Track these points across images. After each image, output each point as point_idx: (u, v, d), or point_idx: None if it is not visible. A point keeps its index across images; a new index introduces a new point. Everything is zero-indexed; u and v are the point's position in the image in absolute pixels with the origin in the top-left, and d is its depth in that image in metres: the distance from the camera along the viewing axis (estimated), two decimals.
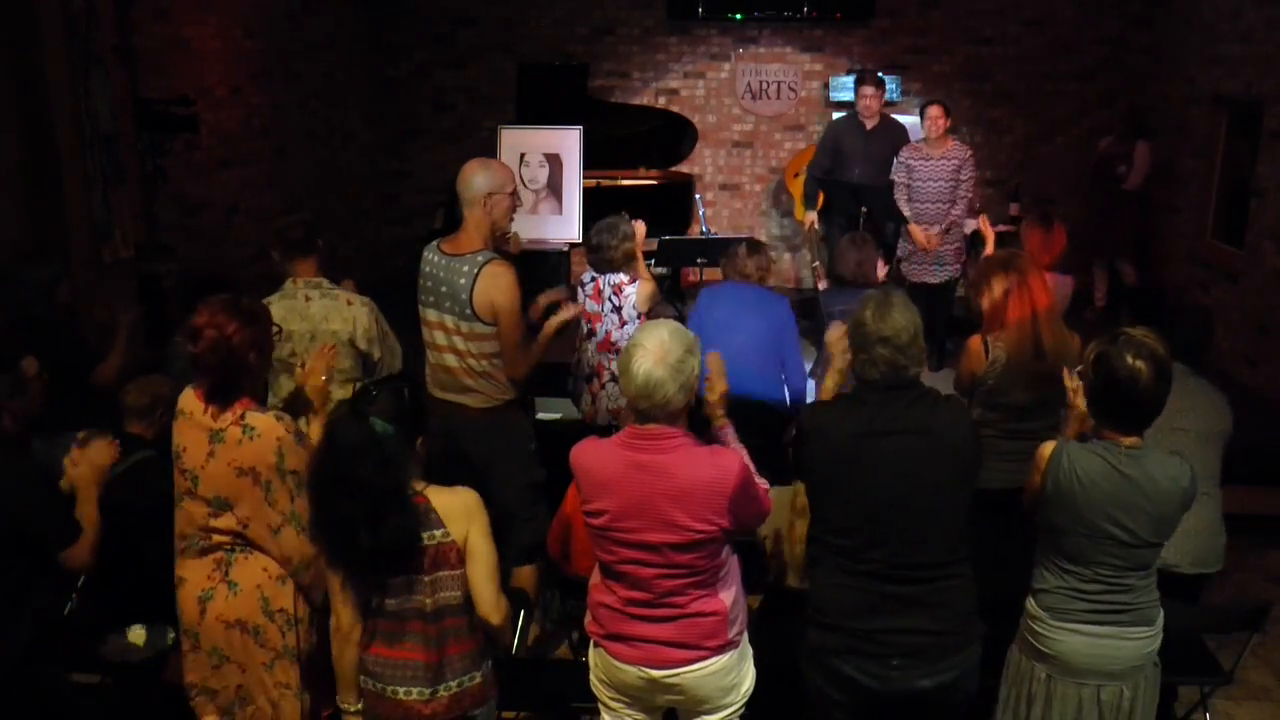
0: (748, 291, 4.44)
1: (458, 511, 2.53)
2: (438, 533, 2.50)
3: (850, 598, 2.66)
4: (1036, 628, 2.81)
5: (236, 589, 2.80)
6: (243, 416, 2.74)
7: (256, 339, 2.79)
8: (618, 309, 4.50)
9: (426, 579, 2.51)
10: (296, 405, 3.21)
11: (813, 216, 7.24)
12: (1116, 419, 2.72)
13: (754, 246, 4.64)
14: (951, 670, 2.66)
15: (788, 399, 4.36)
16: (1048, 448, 2.79)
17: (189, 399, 2.81)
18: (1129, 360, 2.62)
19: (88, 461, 2.99)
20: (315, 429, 2.99)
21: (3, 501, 2.83)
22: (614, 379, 4.50)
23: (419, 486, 2.54)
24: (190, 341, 2.72)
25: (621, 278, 4.51)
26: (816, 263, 5.91)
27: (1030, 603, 2.84)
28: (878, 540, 2.63)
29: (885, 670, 2.64)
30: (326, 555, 2.59)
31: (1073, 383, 3.03)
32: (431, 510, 2.51)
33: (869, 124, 6.98)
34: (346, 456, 2.42)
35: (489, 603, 2.57)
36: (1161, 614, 2.80)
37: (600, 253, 4.54)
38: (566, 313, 4.04)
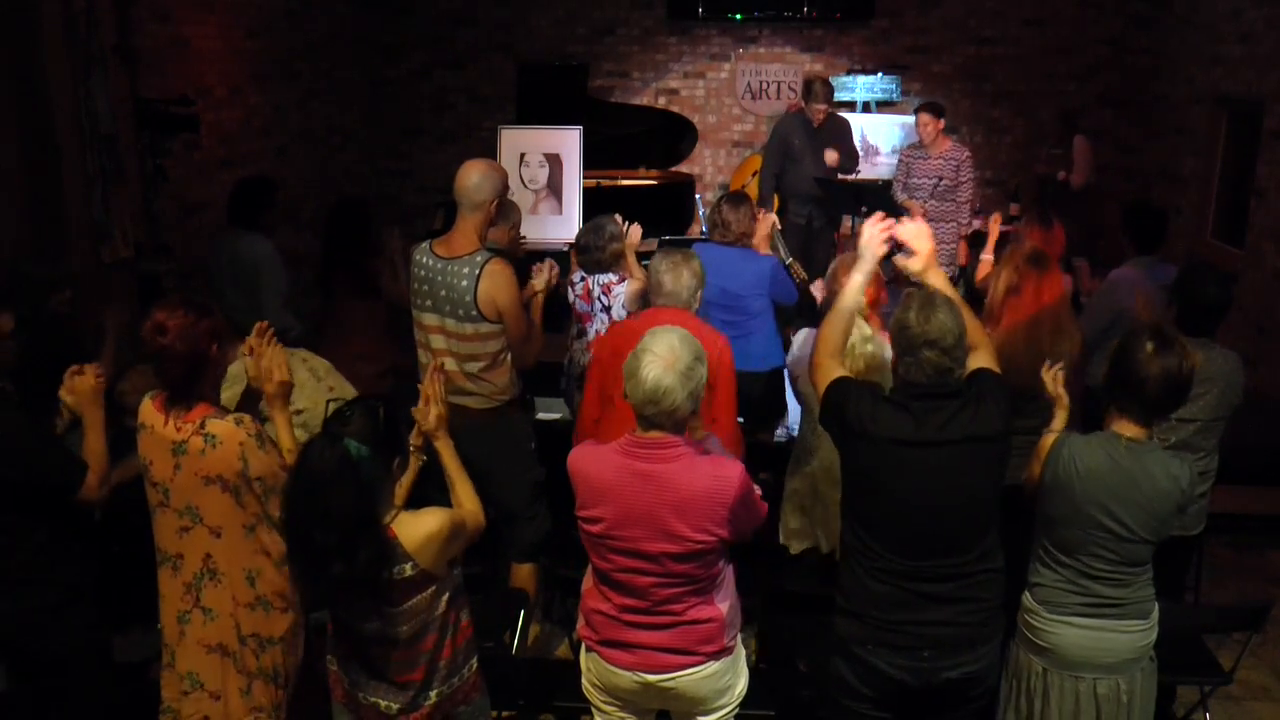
0: (730, 255, 4.44)
1: (421, 541, 2.46)
2: (406, 566, 2.44)
3: (881, 591, 2.65)
4: (1032, 621, 2.82)
5: (212, 614, 2.80)
6: (202, 425, 2.71)
7: (215, 330, 2.80)
8: (607, 309, 4.48)
9: (399, 610, 2.48)
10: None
11: (772, 218, 7.22)
12: (1119, 402, 2.76)
13: (735, 200, 4.62)
14: (978, 661, 2.67)
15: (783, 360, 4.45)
16: (1050, 438, 2.82)
17: (148, 411, 2.78)
18: (1146, 345, 2.67)
19: (79, 391, 2.92)
20: (283, 429, 2.91)
21: (2, 454, 2.79)
22: None
23: (388, 518, 2.47)
24: (158, 334, 2.69)
25: (610, 277, 4.49)
26: (790, 259, 5.90)
27: (1026, 596, 2.86)
28: (914, 546, 2.63)
29: (915, 662, 2.64)
30: (299, 584, 2.58)
31: (1050, 374, 3.07)
32: (398, 544, 2.44)
33: (816, 121, 6.97)
34: (320, 484, 2.33)
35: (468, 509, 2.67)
36: (1156, 608, 2.81)
37: (588, 253, 4.53)
38: (539, 278, 4.03)
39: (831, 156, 6.80)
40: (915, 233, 2.96)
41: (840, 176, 7.02)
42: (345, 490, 2.33)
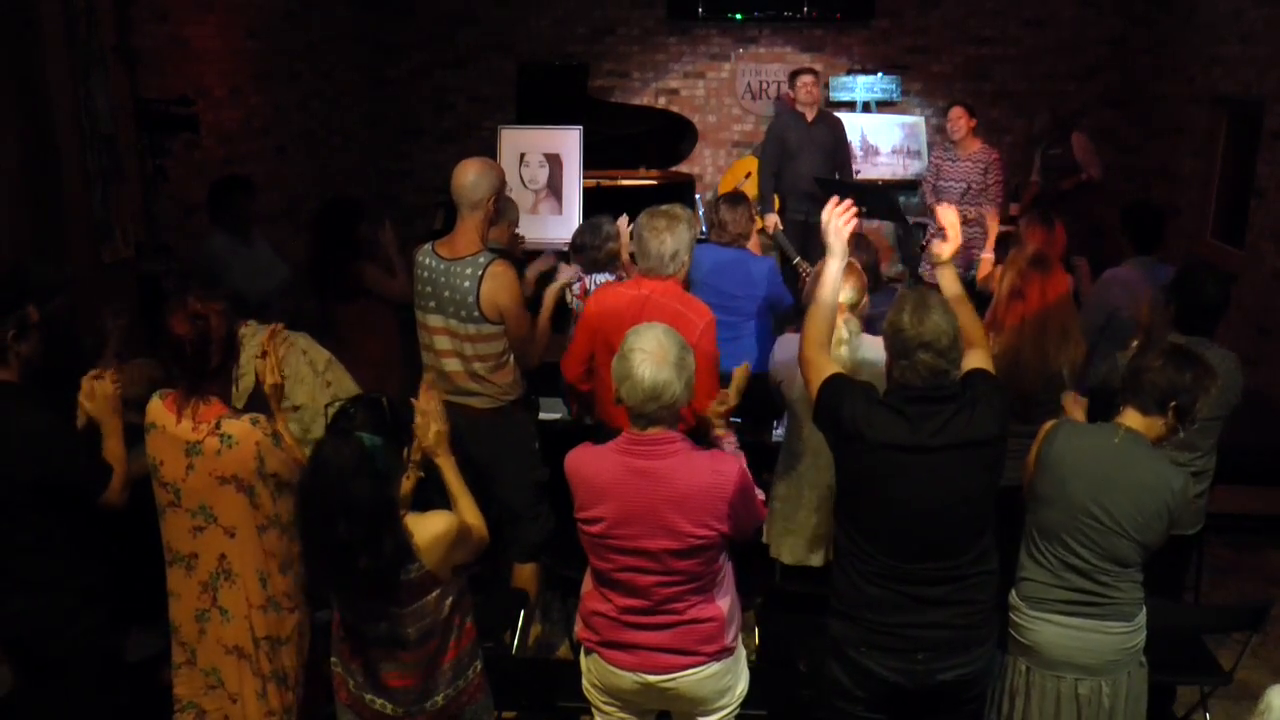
0: (726, 256, 4.41)
1: (427, 542, 2.47)
2: (413, 567, 2.45)
3: (874, 594, 2.65)
4: (1015, 618, 2.83)
5: (228, 615, 2.80)
6: (218, 425, 2.71)
7: (235, 325, 2.84)
8: None
9: (406, 611, 2.49)
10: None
11: (774, 218, 7.20)
12: (1126, 392, 2.81)
13: (733, 200, 4.60)
14: (972, 664, 2.67)
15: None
16: (1050, 423, 2.87)
17: (158, 411, 2.78)
18: (1158, 356, 2.75)
19: (98, 397, 2.92)
20: (280, 427, 2.94)
21: (32, 454, 2.79)
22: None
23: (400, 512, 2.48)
24: (197, 319, 2.71)
25: (608, 277, 4.49)
26: (797, 258, 5.88)
27: (1012, 594, 2.87)
28: (908, 549, 2.62)
29: (909, 664, 2.64)
30: (321, 583, 2.60)
31: (1071, 401, 3.10)
32: (409, 542, 2.46)
33: (809, 114, 7.00)
34: (340, 479, 2.35)
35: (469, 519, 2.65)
36: (1143, 612, 2.81)
37: (585, 253, 4.50)
38: (561, 278, 4.05)
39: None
40: (953, 220, 3.08)
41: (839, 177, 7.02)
42: (366, 480, 2.35)
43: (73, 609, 2.93)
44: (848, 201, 2.97)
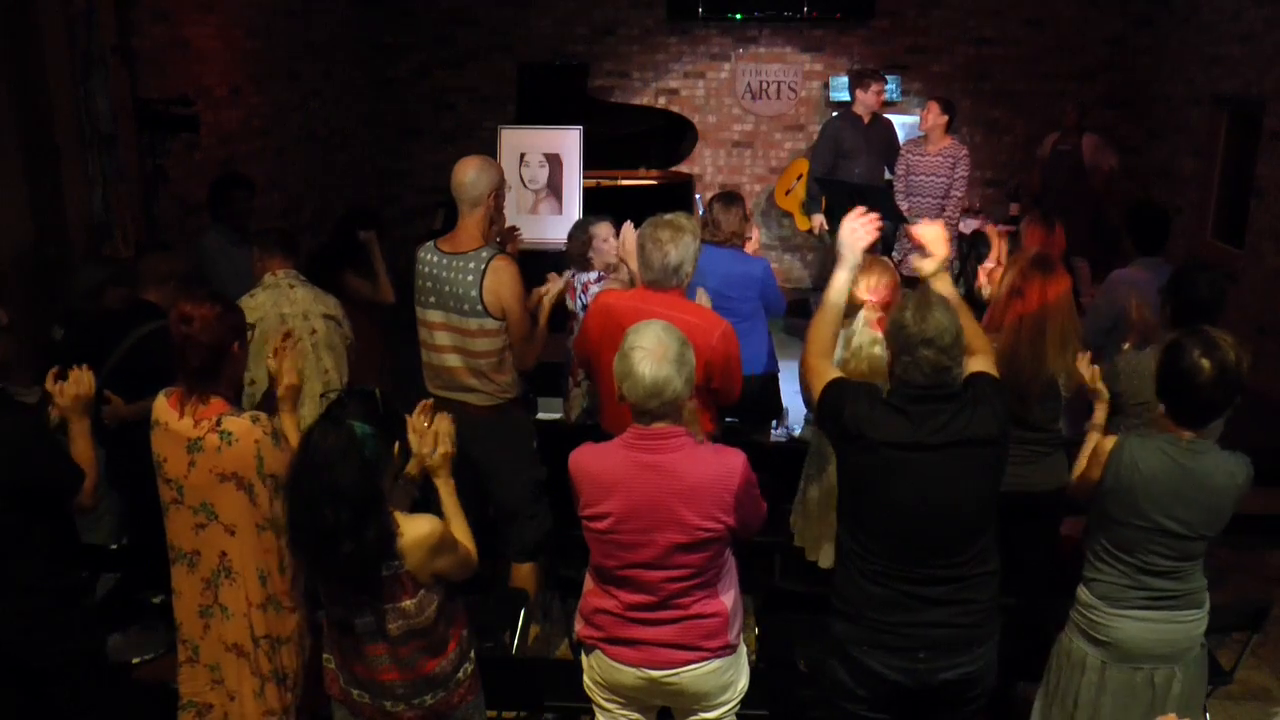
0: (720, 256, 4.39)
1: (410, 542, 2.47)
2: (395, 563, 2.46)
3: (876, 593, 2.66)
4: (1092, 616, 2.85)
5: (228, 613, 2.81)
6: (219, 422, 2.73)
7: (239, 327, 2.85)
8: (585, 308, 4.47)
9: (387, 607, 2.49)
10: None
11: (820, 219, 7.22)
12: (1173, 410, 2.76)
13: (727, 200, 4.56)
14: (974, 663, 2.67)
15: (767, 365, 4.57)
16: (1109, 442, 2.83)
17: (162, 408, 2.80)
18: (1195, 355, 2.66)
19: (70, 394, 2.90)
20: (290, 428, 2.95)
21: (9, 456, 2.77)
22: (589, 378, 4.46)
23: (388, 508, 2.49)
24: (182, 323, 2.72)
25: (589, 276, 4.48)
26: None
27: (1084, 592, 2.88)
28: (909, 548, 2.62)
29: (911, 663, 2.64)
30: (306, 568, 2.60)
31: (1088, 369, 3.09)
32: (393, 534, 2.46)
33: (866, 118, 7.03)
34: (328, 463, 2.37)
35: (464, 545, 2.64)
36: (1208, 597, 2.86)
37: (568, 247, 4.55)
38: (554, 285, 4.03)
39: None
40: (934, 236, 3.01)
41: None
42: (353, 466, 2.37)
43: (52, 610, 2.90)
44: (874, 215, 2.95)
